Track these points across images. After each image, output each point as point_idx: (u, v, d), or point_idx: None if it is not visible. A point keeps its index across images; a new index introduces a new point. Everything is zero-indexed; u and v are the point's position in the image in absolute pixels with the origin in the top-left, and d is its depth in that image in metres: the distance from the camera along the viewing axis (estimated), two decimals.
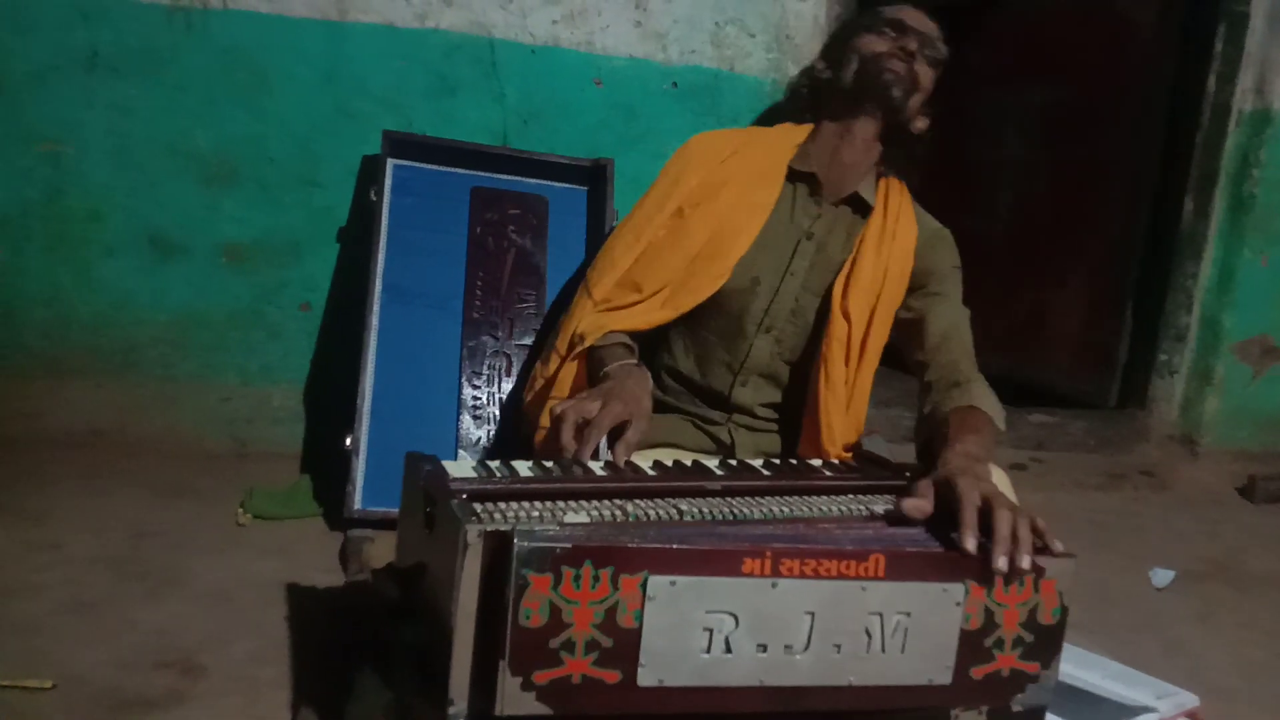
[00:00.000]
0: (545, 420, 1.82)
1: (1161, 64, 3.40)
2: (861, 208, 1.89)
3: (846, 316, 1.80)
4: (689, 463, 1.51)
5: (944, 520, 1.31)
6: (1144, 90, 3.44)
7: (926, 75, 1.88)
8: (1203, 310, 3.38)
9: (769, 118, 2.63)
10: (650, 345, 1.93)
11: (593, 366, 1.76)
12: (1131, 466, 3.33)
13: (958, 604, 1.23)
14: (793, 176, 1.89)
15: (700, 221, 1.83)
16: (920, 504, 1.32)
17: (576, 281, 2.02)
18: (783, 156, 1.90)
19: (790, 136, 1.94)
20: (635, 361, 1.72)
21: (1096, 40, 3.56)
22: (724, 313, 1.88)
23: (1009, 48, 3.81)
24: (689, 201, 1.85)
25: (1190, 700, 1.71)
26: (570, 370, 1.81)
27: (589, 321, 1.80)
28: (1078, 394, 3.62)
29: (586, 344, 1.76)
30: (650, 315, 1.83)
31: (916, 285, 1.86)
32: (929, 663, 1.23)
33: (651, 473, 1.44)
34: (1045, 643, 1.28)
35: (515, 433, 2.18)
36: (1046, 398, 3.57)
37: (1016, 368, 3.60)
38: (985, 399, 1.67)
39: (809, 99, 1.97)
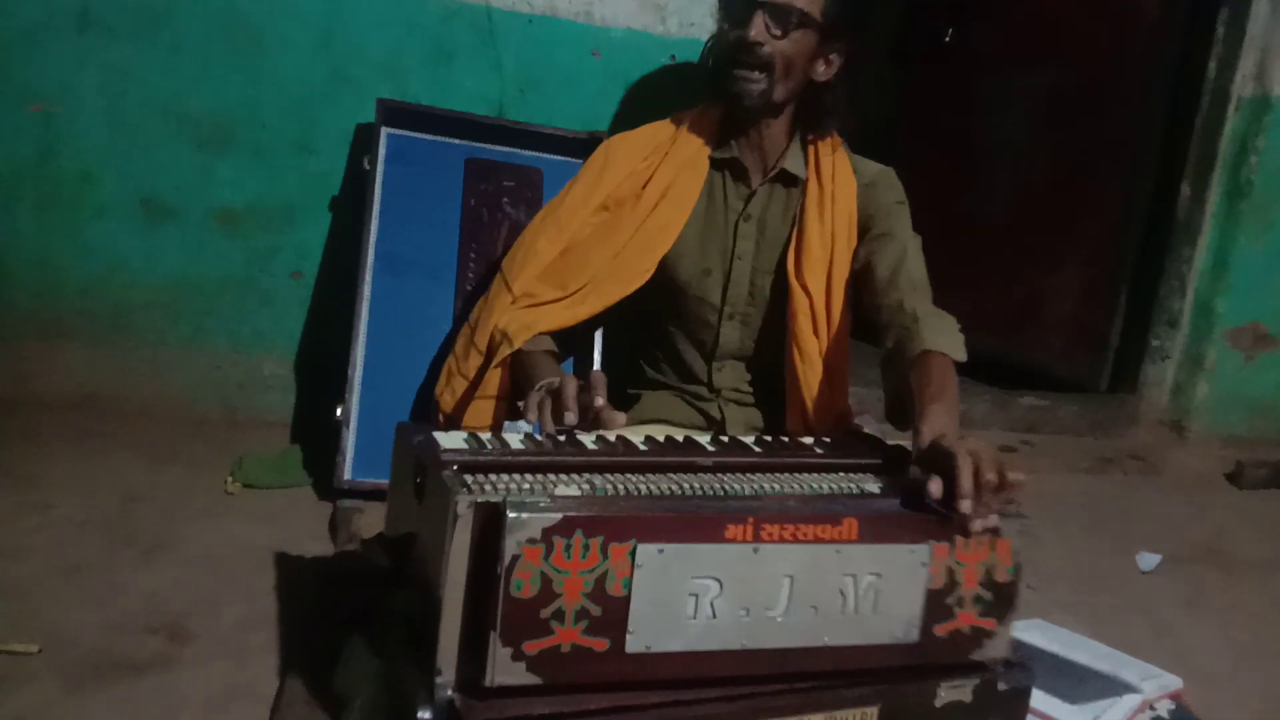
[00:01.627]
0: (472, 421, 1.78)
1: (1164, 48, 3.38)
2: (793, 180, 1.85)
3: (805, 289, 1.78)
4: (681, 438, 1.51)
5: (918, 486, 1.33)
6: (1146, 74, 3.42)
7: (788, 49, 1.70)
8: (1196, 296, 3.38)
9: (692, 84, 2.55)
10: (626, 342, 1.92)
11: (517, 372, 1.70)
12: (1122, 450, 3.34)
13: (923, 564, 1.28)
14: (717, 164, 1.86)
15: (626, 218, 1.81)
16: (939, 482, 1.29)
17: None
18: (703, 147, 1.86)
19: (706, 125, 1.87)
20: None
21: (1100, 22, 3.54)
22: (685, 306, 1.88)
23: (1011, 29, 3.78)
24: (614, 198, 1.83)
25: (1174, 682, 1.72)
26: (495, 376, 1.75)
27: (510, 318, 1.75)
28: (1070, 377, 3.62)
29: (515, 346, 1.71)
30: (575, 310, 1.79)
31: (862, 231, 1.81)
32: (898, 621, 1.29)
33: (643, 448, 1.44)
34: (1001, 599, 1.34)
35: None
36: (1039, 381, 3.57)
37: (1010, 350, 3.59)
38: (938, 335, 1.59)
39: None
